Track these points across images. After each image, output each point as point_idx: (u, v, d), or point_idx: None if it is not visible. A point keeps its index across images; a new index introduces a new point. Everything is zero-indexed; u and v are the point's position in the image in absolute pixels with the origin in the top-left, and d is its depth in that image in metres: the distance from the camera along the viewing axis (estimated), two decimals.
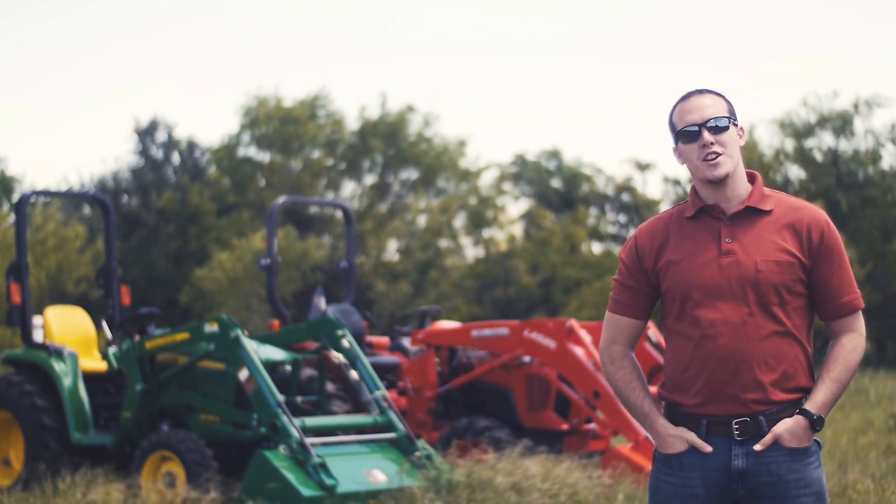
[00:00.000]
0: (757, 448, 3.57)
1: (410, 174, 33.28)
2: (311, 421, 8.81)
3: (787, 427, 3.57)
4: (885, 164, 28.22)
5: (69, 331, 10.43)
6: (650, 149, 56.19)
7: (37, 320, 10.38)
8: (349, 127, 32.82)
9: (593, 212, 34.00)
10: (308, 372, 10.10)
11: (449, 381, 10.73)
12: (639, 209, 32.90)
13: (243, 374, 8.81)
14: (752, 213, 3.65)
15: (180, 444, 8.87)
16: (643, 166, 33.39)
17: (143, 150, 32.99)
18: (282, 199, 11.82)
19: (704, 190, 3.68)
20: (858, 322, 3.67)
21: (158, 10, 49.61)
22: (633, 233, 3.80)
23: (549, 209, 33.63)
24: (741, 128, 3.70)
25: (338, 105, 39.60)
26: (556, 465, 8.66)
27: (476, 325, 10.97)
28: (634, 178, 33.60)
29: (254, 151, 32.80)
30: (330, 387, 10.02)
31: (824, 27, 49.65)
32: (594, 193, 34.52)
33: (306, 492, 8.09)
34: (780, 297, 3.58)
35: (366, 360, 9.34)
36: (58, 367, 9.90)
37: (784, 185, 28.11)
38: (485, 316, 27.67)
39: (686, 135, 3.66)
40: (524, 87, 51.22)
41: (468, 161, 33.60)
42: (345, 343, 9.30)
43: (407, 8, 51.28)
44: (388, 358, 11.30)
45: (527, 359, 10.36)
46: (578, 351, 9.95)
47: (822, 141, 28.73)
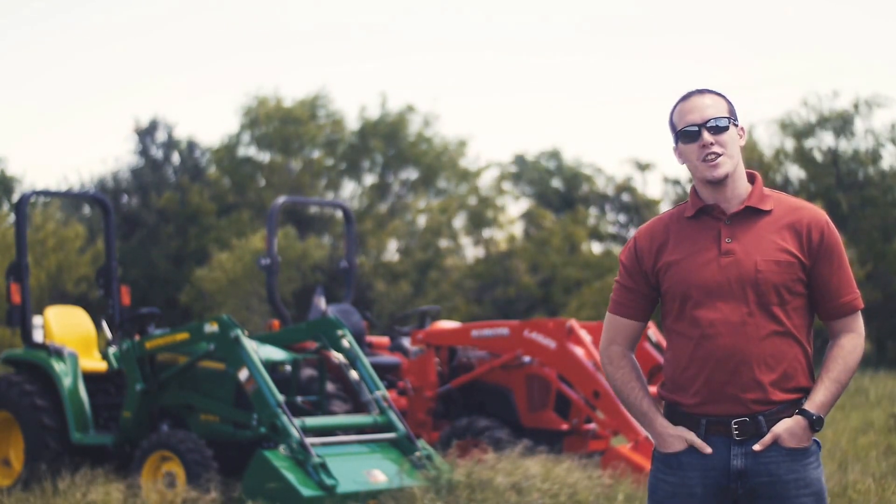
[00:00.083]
0: (756, 448, 3.57)
1: (410, 174, 33.27)
2: (311, 421, 8.80)
3: (787, 427, 3.57)
4: (885, 164, 28.24)
5: (69, 331, 10.43)
6: (650, 149, 56.25)
7: (37, 320, 10.38)
8: (349, 127, 32.82)
9: (593, 212, 34.00)
10: (308, 372, 10.10)
11: (449, 381, 10.72)
12: (639, 209, 32.90)
13: (243, 374, 8.81)
14: (752, 213, 3.64)
15: (180, 444, 8.87)
16: (643, 166, 33.41)
17: (143, 150, 32.99)
18: (282, 199, 11.81)
19: (704, 190, 3.68)
20: (858, 322, 3.67)
21: (158, 10, 49.63)
22: (633, 233, 3.80)
23: (549, 209, 33.63)
24: (741, 128, 3.70)
25: (338, 105, 39.66)
26: (556, 465, 8.66)
27: (476, 325, 10.97)
28: (634, 178, 33.63)
29: (254, 151, 32.81)
30: (330, 387, 10.01)
31: (824, 27, 49.68)
32: (594, 193, 34.52)
33: (306, 492, 8.09)
34: (780, 297, 3.58)
35: (366, 360, 9.33)
36: (58, 367, 9.90)
37: (784, 185, 28.10)
38: (485, 316, 27.66)
39: (686, 135, 3.66)
40: (524, 87, 51.26)
41: (468, 161, 33.62)
42: (345, 343, 9.29)
43: (407, 8, 51.29)
44: (388, 358, 11.29)
45: (527, 359, 10.36)
46: (578, 351, 9.95)
47: (822, 141, 28.73)
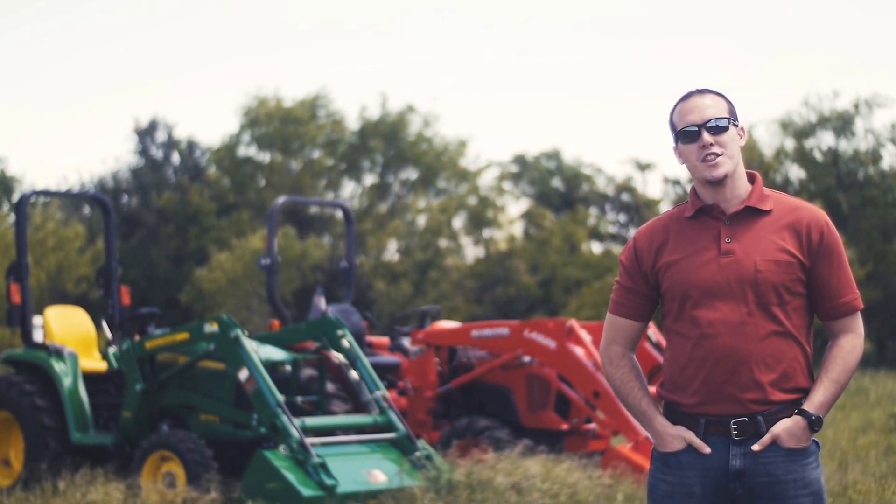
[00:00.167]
0: (755, 448, 3.56)
1: (410, 174, 33.27)
2: (311, 421, 8.80)
3: (786, 427, 3.56)
4: (885, 164, 28.23)
5: (69, 331, 10.43)
6: (650, 149, 56.25)
7: (37, 320, 10.38)
8: (349, 127, 32.82)
9: (593, 212, 34.00)
10: (308, 372, 10.09)
11: (449, 381, 10.72)
12: (639, 209, 32.90)
13: (243, 374, 8.81)
14: (752, 213, 3.64)
15: (180, 444, 8.87)
16: (643, 166, 33.41)
17: (143, 150, 32.98)
18: (282, 199, 11.81)
19: (704, 190, 3.68)
20: (857, 323, 3.66)
21: (158, 10, 49.62)
22: (633, 233, 3.79)
23: (549, 209, 33.62)
24: (741, 128, 3.69)
25: (338, 105, 39.66)
26: (556, 465, 8.66)
27: (476, 325, 10.97)
28: (634, 178, 33.64)
29: (254, 151, 32.80)
30: (330, 387, 10.01)
31: (824, 27, 49.67)
32: (594, 193, 34.52)
33: (306, 492, 8.09)
34: (780, 297, 3.57)
35: (366, 360, 9.33)
36: (58, 367, 9.90)
37: (784, 185, 28.10)
38: (485, 316, 27.65)
39: (686, 135, 3.65)
40: (524, 87, 51.26)
41: (468, 161, 33.62)
42: (345, 343, 9.29)
43: (407, 8, 51.29)
44: (388, 358, 11.29)
45: (527, 359, 10.36)
46: (578, 351, 9.95)
47: (823, 141, 28.72)
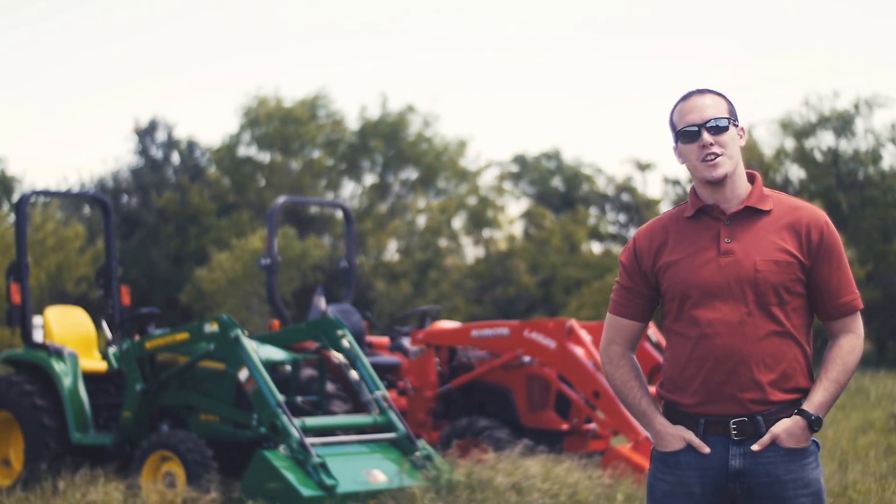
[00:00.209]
0: (755, 448, 3.56)
1: (410, 174, 33.27)
2: (311, 421, 8.80)
3: (785, 427, 3.56)
4: (885, 164, 28.22)
5: (69, 331, 10.43)
6: (650, 149, 56.24)
7: (37, 320, 10.38)
8: (349, 127, 32.82)
9: (593, 212, 34.00)
10: (308, 372, 10.09)
11: (449, 381, 10.72)
12: (639, 209, 32.90)
13: (243, 374, 8.81)
14: (752, 213, 3.64)
15: (180, 444, 8.87)
16: (643, 166, 33.41)
17: (143, 150, 32.97)
18: (282, 199, 11.80)
19: (704, 190, 3.68)
20: (857, 323, 3.66)
21: (158, 10, 49.63)
22: (633, 233, 3.79)
23: (549, 209, 33.62)
24: (741, 128, 3.69)
25: (338, 105, 39.65)
26: (556, 465, 8.66)
27: (476, 325, 10.97)
28: (634, 178, 33.64)
29: (254, 151, 32.80)
30: (330, 387, 10.01)
31: (824, 27, 49.68)
32: (594, 193, 34.53)
33: (306, 492, 8.09)
34: (779, 297, 3.57)
35: (366, 360, 9.33)
36: (58, 367, 9.90)
37: (784, 185, 28.09)
38: (485, 316, 27.64)
39: (686, 135, 3.65)
40: (524, 87, 51.27)
41: (468, 161, 33.62)
42: (345, 343, 9.29)
43: (407, 8, 51.30)
44: (388, 358, 11.29)
45: (527, 359, 10.36)
46: (578, 351, 9.95)
47: (823, 141, 28.72)
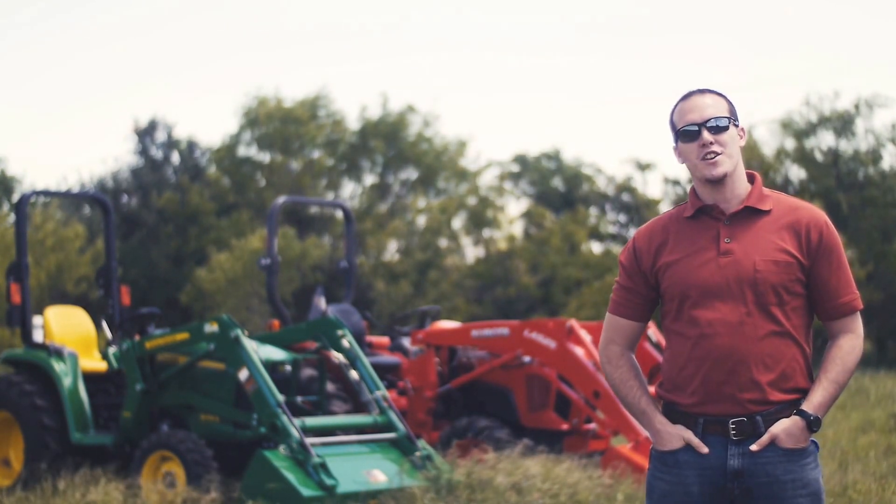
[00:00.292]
0: (753, 448, 3.56)
1: (410, 174, 33.27)
2: (311, 421, 8.80)
3: (784, 427, 3.56)
4: (885, 164, 28.22)
5: (69, 331, 10.43)
6: (650, 149, 56.24)
7: (37, 320, 10.38)
8: (349, 127, 32.82)
9: (593, 212, 34.01)
10: (308, 372, 10.09)
11: (449, 381, 10.72)
12: (639, 209, 32.90)
13: (243, 374, 8.81)
14: (751, 213, 3.64)
15: (180, 444, 8.87)
16: (643, 166, 33.42)
17: (143, 150, 32.97)
18: (282, 199, 11.80)
19: (703, 190, 3.67)
20: (856, 323, 3.66)
21: (158, 10, 49.63)
22: (633, 233, 3.79)
23: (549, 209, 33.62)
24: (741, 128, 3.69)
25: (338, 105, 39.66)
26: (556, 465, 8.66)
27: (476, 325, 10.97)
28: (634, 178, 33.65)
29: (254, 151, 32.79)
30: (330, 387, 10.01)
31: (824, 27, 49.68)
32: (594, 193, 34.53)
33: (306, 492, 8.08)
34: (779, 297, 3.57)
35: (366, 360, 9.33)
36: (58, 367, 9.90)
37: (784, 186, 28.08)
38: (485, 316, 27.64)
39: (686, 134, 3.65)
40: (524, 87, 51.27)
41: (468, 161, 33.62)
42: (345, 343, 9.29)
43: (407, 8, 51.30)
44: (388, 358, 11.28)
45: (527, 359, 10.35)
46: (578, 351, 9.94)
47: (823, 141, 28.71)
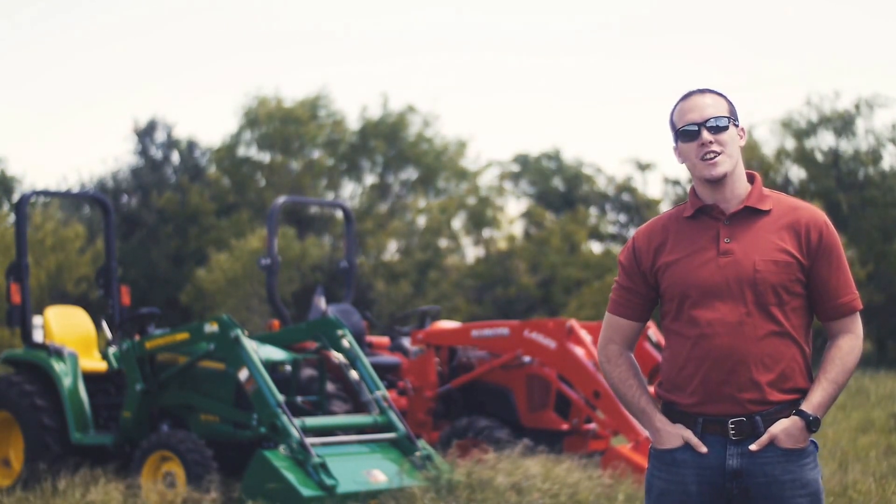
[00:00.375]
0: (753, 448, 3.56)
1: (410, 174, 33.27)
2: (311, 421, 8.80)
3: (784, 428, 3.56)
4: (885, 164, 28.21)
5: (69, 331, 10.43)
6: (650, 149, 56.23)
7: (37, 320, 10.38)
8: (350, 127, 32.81)
9: (593, 212, 34.01)
10: (308, 372, 10.09)
11: (449, 381, 10.72)
12: (639, 209, 32.90)
13: (243, 374, 8.80)
14: (751, 213, 3.64)
15: (180, 444, 8.87)
16: (643, 166, 33.42)
17: (143, 150, 32.97)
18: (282, 199, 11.80)
19: (703, 189, 3.67)
20: (856, 323, 3.66)
21: (158, 10, 49.63)
22: (633, 233, 3.79)
23: (549, 209, 33.62)
24: (741, 128, 3.69)
25: (338, 105, 39.67)
26: (556, 465, 8.66)
27: (476, 325, 10.97)
28: (634, 178, 33.65)
29: (254, 151, 32.79)
30: (330, 387, 10.01)
31: (824, 27, 49.68)
32: (594, 193, 34.53)
33: (306, 492, 8.08)
34: (779, 298, 3.57)
35: (366, 360, 9.33)
36: (58, 367, 9.90)
37: (784, 186, 28.08)
38: (485, 316, 27.64)
39: (685, 134, 3.65)
40: (524, 87, 51.27)
41: (468, 161, 33.62)
42: (345, 343, 9.29)
43: (408, 8, 51.30)
44: (388, 358, 11.28)
45: (527, 359, 10.35)
46: (578, 351, 9.94)
47: (823, 141, 28.70)
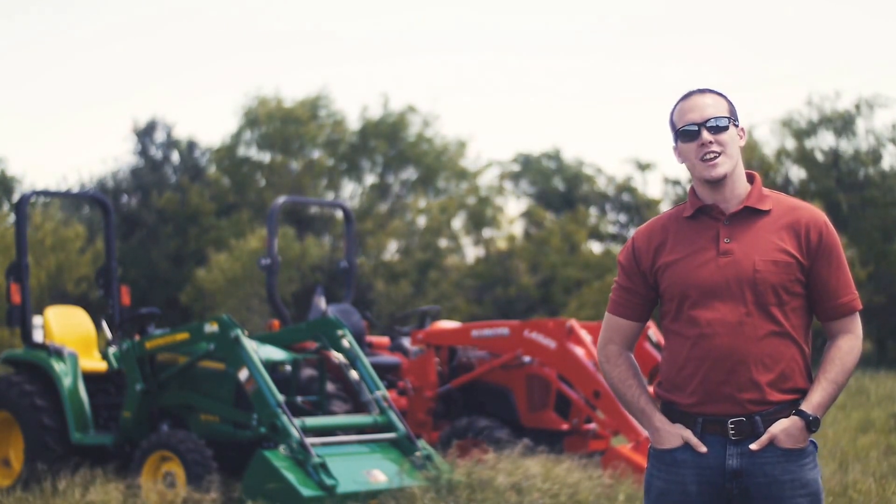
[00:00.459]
0: (753, 448, 3.56)
1: (410, 174, 33.26)
2: (311, 421, 8.80)
3: (783, 428, 3.56)
4: (885, 164, 28.21)
5: (69, 331, 10.43)
6: (650, 149, 56.23)
7: (37, 320, 10.38)
8: (350, 127, 32.81)
9: (593, 212, 34.00)
10: (308, 372, 10.09)
11: (449, 381, 10.72)
12: (639, 209, 32.90)
13: (243, 374, 8.80)
14: (751, 213, 3.64)
15: (180, 444, 8.87)
16: (643, 166, 33.42)
17: (143, 151, 32.97)
18: (282, 199, 11.80)
19: (703, 190, 3.67)
20: (855, 323, 3.66)
21: (158, 10, 49.63)
22: (633, 233, 3.79)
23: (549, 209, 33.62)
24: (741, 128, 3.69)
25: (339, 105, 39.67)
26: (556, 465, 8.66)
27: (476, 325, 10.96)
28: (634, 178, 33.65)
29: (254, 151, 32.79)
30: (330, 387, 10.01)
31: (824, 27, 49.68)
32: (594, 193, 34.53)
33: (306, 492, 8.08)
34: (778, 298, 3.57)
35: (366, 360, 9.33)
36: (58, 367, 9.90)
37: (784, 186, 28.07)
38: (485, 316, 27.64)
39: (685, 134, 3.65)
40: (524, 87, 51.28)
41: (468, 161, 33.62)
42: (345, 343, 9.29)
43: (408, 9, 51.31)
44: (388, 358, 11.28)
45: (527, 359, 10.35)
46: (578, 351, 9.94)
47: (823, 141, 28.70)
